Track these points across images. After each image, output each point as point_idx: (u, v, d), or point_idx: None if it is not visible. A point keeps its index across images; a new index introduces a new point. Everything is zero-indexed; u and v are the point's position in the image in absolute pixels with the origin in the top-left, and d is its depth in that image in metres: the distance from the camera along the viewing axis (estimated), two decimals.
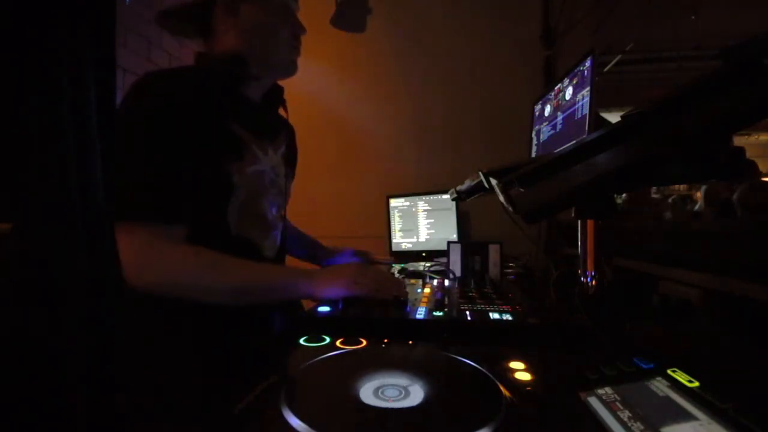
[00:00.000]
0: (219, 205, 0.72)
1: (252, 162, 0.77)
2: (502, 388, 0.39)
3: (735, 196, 2.15)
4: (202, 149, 0.68)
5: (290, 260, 1.06)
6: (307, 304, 0.78)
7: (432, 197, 1.80)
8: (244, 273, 0.68)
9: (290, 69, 0.85)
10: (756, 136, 6.82)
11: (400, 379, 0.40)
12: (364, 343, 0.52)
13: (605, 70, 4.08)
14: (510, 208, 0.50)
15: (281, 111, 0.94)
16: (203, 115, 0.69)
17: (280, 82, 0.90)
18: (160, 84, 0.69)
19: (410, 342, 0.52)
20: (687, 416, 0.34)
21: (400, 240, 1.85)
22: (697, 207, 2.96)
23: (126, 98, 0.66)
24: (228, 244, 0.71)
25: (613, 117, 0.65)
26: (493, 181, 0.59)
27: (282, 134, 0.91)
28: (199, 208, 0.69)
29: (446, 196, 1.46)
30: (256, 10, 0.79)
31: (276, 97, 0.89)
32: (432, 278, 0.95)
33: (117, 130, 0.59)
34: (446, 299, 0.71)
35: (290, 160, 0.96)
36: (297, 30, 0.83)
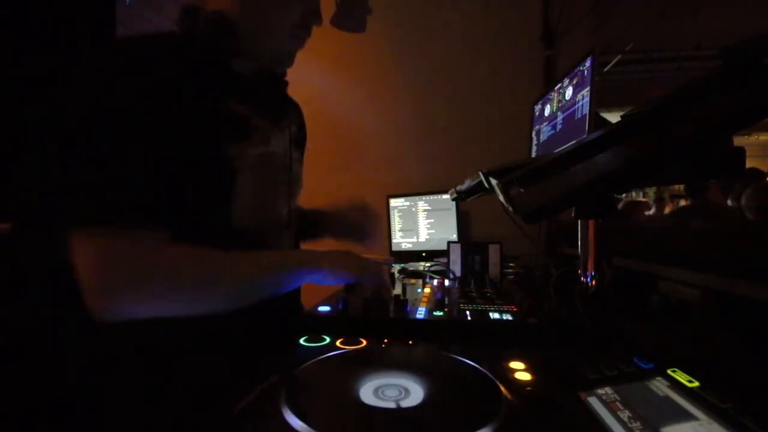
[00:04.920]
0: (218, 196, 0.57)
1: (260, 143, 0.61)
2: (502, 388, 0.39)
3: (742, 200, 2.14)
4: (189, 132, 0.52)
5: None
6: (306, 303, 0.77)
7: (432, 197, 1.80)
8: (243, 268, 0.54)
9: (284, 61, 0.66)
10: (756, 136, 6.83)
11: (400, 379, 0.40)
12: (364, 343, 0.52)
13: (605, 70, 4.09)
14: (510, 208, 0.50)
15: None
16: (184, 93, 0.52)
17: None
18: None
19: (410, 342, 0.52)
20: (687, 416, 0.34)
21: (400, 240, 1.85)
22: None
23: None
24: (230, 243, 0.54)
25: (613, 117, 0.65)
26: (493, 181, 0.59)
27: (289, 115, 0.74)
28: (193, 203, 0.54)
29: (446, 196, 1.46)
30: None
31: (276, 75, 0.70)
32: (432, 278, 0.95)
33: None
34: (446, 299, 0.71)
35: (300, 144, 0.79)
36: (310, 17, 0.63)
